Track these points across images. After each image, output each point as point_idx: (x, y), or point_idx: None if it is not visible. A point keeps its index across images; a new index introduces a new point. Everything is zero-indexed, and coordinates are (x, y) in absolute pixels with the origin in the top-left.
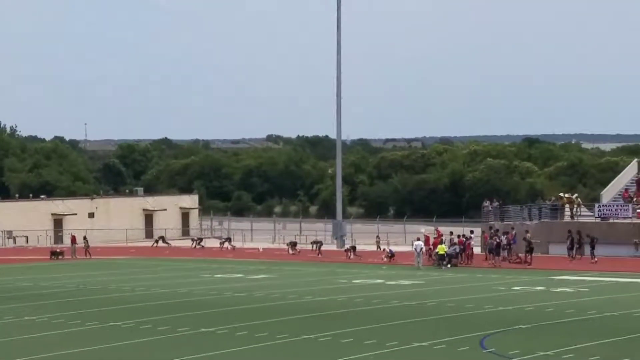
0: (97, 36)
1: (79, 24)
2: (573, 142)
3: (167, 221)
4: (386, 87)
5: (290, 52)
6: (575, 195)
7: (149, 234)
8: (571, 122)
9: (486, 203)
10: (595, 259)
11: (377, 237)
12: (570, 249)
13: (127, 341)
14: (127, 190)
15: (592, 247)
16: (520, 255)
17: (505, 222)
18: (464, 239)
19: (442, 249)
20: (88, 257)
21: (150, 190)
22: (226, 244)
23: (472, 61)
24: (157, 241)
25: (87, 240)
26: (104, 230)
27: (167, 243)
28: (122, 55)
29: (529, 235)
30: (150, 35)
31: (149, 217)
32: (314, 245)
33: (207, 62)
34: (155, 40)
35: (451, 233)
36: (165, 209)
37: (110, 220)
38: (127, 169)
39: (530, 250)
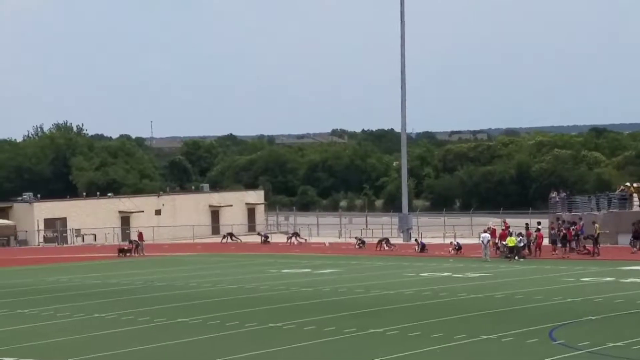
0: (161, 33)
1: (142, 22)
2: None
3: (233, 217)
4: (451, 78)
5: (355, 45)
6: None
7: (215, 230)
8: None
9: (553, 194)
10: (638, 249)
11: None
12: (636, 239)
13: (195, 337)
14: (192, 187)
15: (636, 238)
16: (588, 246)
17: (573, 213)
18: (533, 231)
19: (512, 241)
20: (141, 255)
21: (215, 187)
22: (293, 239)
23: (538, 50)
24: (225, 237)
25: (142, 239)
26: (171, 227)
27: (236, 239)
28: (187, 52)
29: (596, 225)
30: (214, 31)
31: (215, 214)
32: (383, 245)
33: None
34: (219, 36)
35: (526, 225)
36: (231, 205)
37: (176, 217)
38: (192, 165)
39: (595, 241)
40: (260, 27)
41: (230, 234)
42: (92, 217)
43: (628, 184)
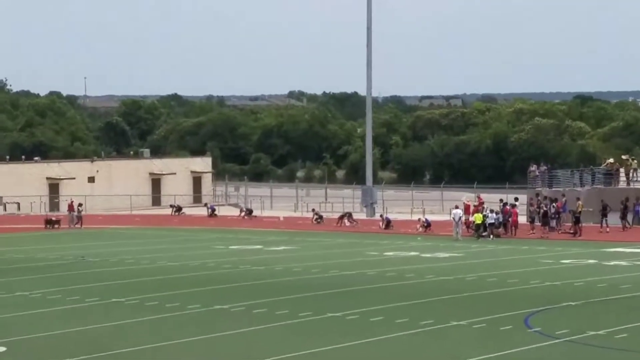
0: None
1: None
2: (630, 100)
3: (177, 187)
4: (423, 38)
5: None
6: (632, 158)
7: (156, 200)
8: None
9: (533, 167)
10: (608, 229)
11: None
12: (622, 218)
13: (131, 319)
14: (131, 152)
15: (604, 215)
16: (568, 225)
17: (554, 189)
18: (509, 207)
19: (479, 217)
20: (79, 226)
21: (157, 152)
22: (345, 220)
23: (517, 11)
24: (174, 209)
25: (72, 209)
26: (106, 196)
27: (179, 211)
28: (126, 3)
29: (579, 203)
30: None
31: (156, 182)
32: (344, 220)
33: (222, 9)
34: None
35: (501, 201)
36: (175, 173)
37: (112, 186)
38: (131, 128)
39: (576, 220)
40: None
41: (178, 207)
42: (16, 184)
43: (612, 160)
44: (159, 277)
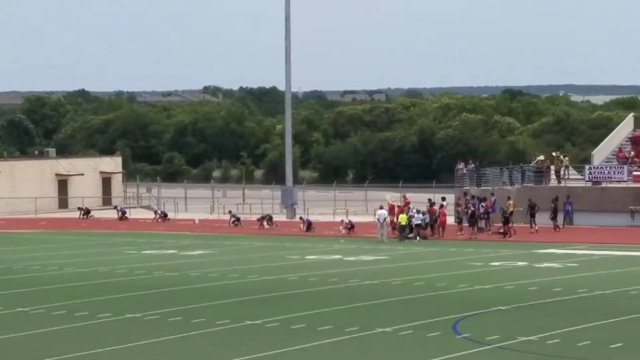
0: None
1: None
2: (560, 95)
3: (85, 188)
4: (345, 30)
5: None
6: (563, 155)
7: (62, 203)
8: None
9: (460, 165)
10: (536, 228)
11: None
12: (553, 218)
13: (38, 329)
14: (36, 152)
15: (532, 215)
16: (498, 226)
17: (483, 187)
18: (436, 207)
19: (403, 218)
20: None
21: (64, 152)
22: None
23: (444, 1)
24: (82, 212)
25: None
26: (8, 199)
27: (87, 215)
28: None
29: (510, 202)
30: None
31: (62, 184)
32: (264, 223)
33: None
34: None
35: (429, 201)
36: (82, 174)
37: (15, 187)
38: (36, 126)
39: (505, 220)
40: None
41: (87, 210)
42: None
43: (542, 157)
44: (67, 284)
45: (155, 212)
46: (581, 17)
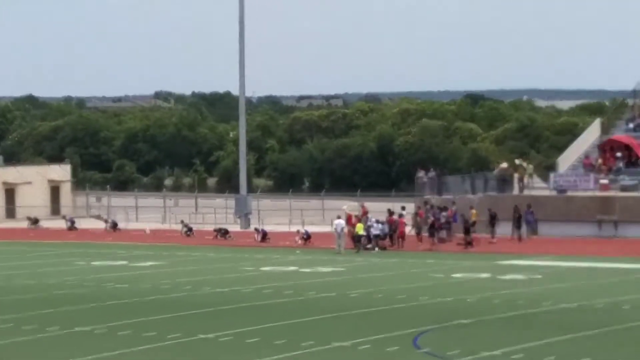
0: None
1: None
2: (524, 99)
3: (33, 197)
4: (300, 33)
5: None
6: (527, 162)
7: (10, 212)
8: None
9: (420, 173)
10: (495, 239)
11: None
12: (518, 227)
13: None
14: None
15: (492, 225)
16: (460, 236)
17: (444, 196)
18: (395, 217)
19: (360, 227)
20: None
21: (11, 160)
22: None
23: (405, 2)
24: (31, 222)
25: None
26: None
27: (35, 224)
28: None
29: (473, 211)
30: None
31: (9, 192)
32: (219, 235)
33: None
34: None
35: (389, 210)
36: (30, 182)
37: None
38: None
39: (466, 230)
40: None
41: (35, 219)
42: None
43: (505, 164)
44: (14, 296)
45: (106, 222)
46: (545, 18)
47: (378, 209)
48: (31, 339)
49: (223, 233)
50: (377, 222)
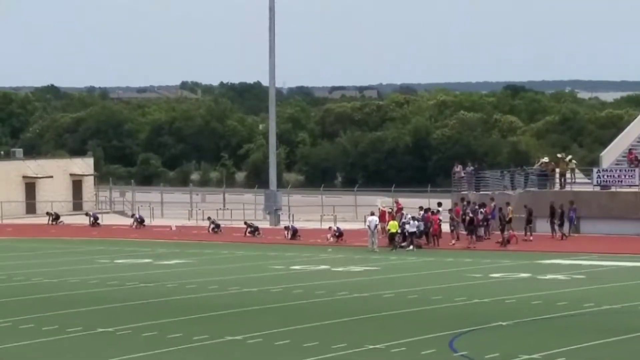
0: None
1: None
2: (567, 91)
3: (54, 192)
4: (333, 21)
5: None
6: (569, 157)
7: (30, 208)
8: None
9: (457, 168)
10: (531, 237)
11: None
12: (560, 225)
13: (2, 344)
14: (2, 152)
15: (528, 222)
16: (497, 234)
17: (482, 192)
18: (431, 214)
19: (394, 226)
20: None
21: (31, 153)
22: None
23: None
24: (51, 218)
25: None
26: None
27: (57, 220)
28: None
29: (510, 208)
30: None
31: (30, 187)
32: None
33: None
34: None
35: (421, 207)
36: (52, 177)
37: None
38: (2, 124)
39: (502, 228)
40: None
41: (56, 215)
42: None
43: (546, 159)
44: (34, 296)
45: (134, 217)
46: (589, 7)
47: (413, 205)
48: (51, 340)
49: (253, 230)
50: (413, 218)
